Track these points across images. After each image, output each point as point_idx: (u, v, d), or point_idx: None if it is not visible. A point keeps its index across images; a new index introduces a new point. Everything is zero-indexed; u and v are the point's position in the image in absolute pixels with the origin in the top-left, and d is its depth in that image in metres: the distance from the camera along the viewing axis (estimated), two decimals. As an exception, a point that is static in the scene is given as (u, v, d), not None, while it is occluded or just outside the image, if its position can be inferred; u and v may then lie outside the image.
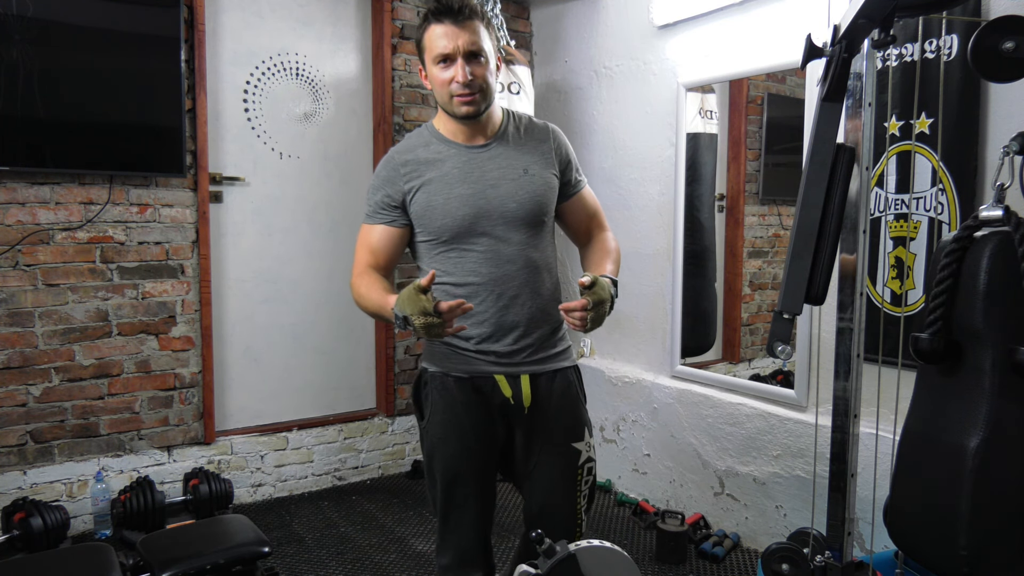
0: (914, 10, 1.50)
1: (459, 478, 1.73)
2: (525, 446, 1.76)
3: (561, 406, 1.75)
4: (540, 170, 1.74)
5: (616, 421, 3.51)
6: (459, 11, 1.60)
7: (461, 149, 1.71)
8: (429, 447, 1.76)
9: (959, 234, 1.52)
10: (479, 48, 1.62)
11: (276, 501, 3.38)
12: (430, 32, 1.63)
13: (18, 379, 2.85)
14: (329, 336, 3.62)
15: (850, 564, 1.62)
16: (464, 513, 1.75)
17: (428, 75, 1.68)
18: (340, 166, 3.61)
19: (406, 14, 3.65)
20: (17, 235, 2.81)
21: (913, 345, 1.54)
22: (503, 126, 1.75)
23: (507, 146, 1.73)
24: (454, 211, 1.67)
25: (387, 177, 1.72)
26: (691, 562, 2.81)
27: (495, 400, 1.72)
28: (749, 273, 3.40)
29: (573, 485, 1.75)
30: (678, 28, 3.18)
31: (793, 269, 1.50)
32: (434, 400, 1.73)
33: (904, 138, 2.34)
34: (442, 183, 1.68)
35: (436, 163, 1.70)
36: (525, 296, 1.71)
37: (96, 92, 2.86)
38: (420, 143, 1.74)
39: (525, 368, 1.72)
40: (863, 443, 1.73)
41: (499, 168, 1.71)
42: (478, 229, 1.68)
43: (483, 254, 1.69)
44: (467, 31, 1.60)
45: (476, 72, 1.62)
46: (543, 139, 1.77)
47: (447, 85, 1.63)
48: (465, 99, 1.63)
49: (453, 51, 1.60)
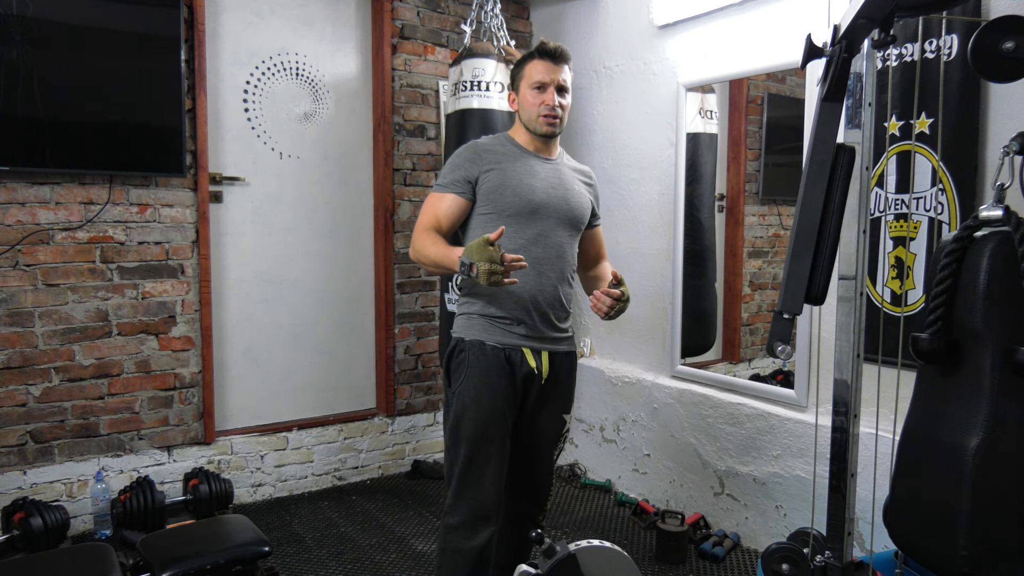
0: (914, 10, 1.50)
1: (486, 436, 1.97)
2: (533, 410, 2.07)
3: (565, 382, 2.12)
4: (585, 195, 2.14)
5: (616, 421, 3.51)
6: (560, 56, 2.02)
7: (533, 156, 2.08)
8: (460, 408, 1.99)
9: (959, 234, 1.52)
10: (567, 86, 2.05)
11: (276, 501, 3.38)
12: (533, 64, 2.03)
13: (18, 379, 2.85)
14: (329, 336, 3.62)
15: (850, 564, 1.62)
16: (485, 470, 1.97)
17: (520, 97, 2.06)
18: (340, 166, 3.61)
19: (406, 14, 3.65)
20: (17, 235, 2.81)
21: (913, 345, 1.54)
22: (559, 155, 2.15)
23: (564, 168, 2.13)
24: (525, 193, 2.00)
25: (469, 158, 2.05)
26: (691, 562, 2.81)
27: (522, 370, 2.01)
28: (749, 273, 3.40)
29: (554, 446, 2.15)
30: (678, 28, 3.18)
31: (793, 269, 1.50)
32: (471, 364, 1.99)
33: (904, 138, 2.34)
34: (516, 171, 2.02)
35: (513, 158, 2.05)
36: (555, 280, 2.04)
37: (96, 92, 2.86)
38: (498, 144, 2.09)
39: (547, 345, 2.05)
40: (863, 443, 1.73)
41: (565, 179, 2.10)
42: (537, 215, 2.01)
43: (534, 237, 2.01)
44: (561, 71, 2.02)
45: (562, 103, 2.04)
46: (587, 177, 2.19)
47: (538, 107, 2.01)
48: (550, 120, 2.02)
49: (549, 82, 2.00)
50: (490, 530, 1.99)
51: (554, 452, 2.16)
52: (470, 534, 1.96)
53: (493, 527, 2.00)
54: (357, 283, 3.70)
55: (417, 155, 3.72)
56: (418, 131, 3.71)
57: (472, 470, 1.97)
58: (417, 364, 3.79)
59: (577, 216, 2.09)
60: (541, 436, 2.10)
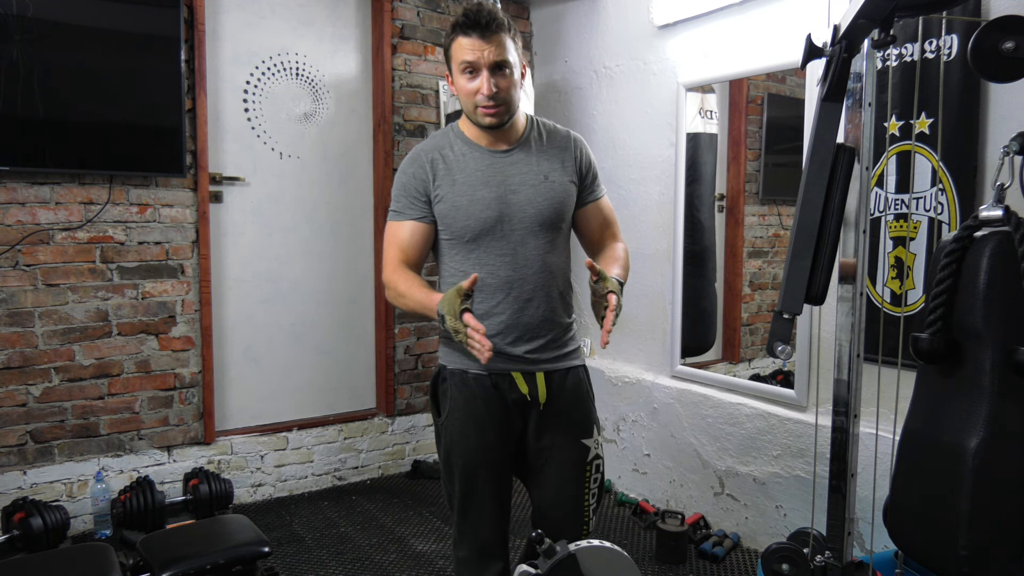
0: (914, 10, 1.50)
1: (478, 471, 1.76)
2: (537, 441, 1.79)
3: (572, 403, 1.79)
4: (560, 177, 1.76)
5: (616, 421, 3.51)
6: (486, 25, 1.62)
7: (485, 152, 1.74)
8: (448, 442, 1.78)
9: (959, 234, 1.52)
10: (504, 60, 1.65)
11: (276, 501, 3.38)
12: (457, 43, 1.66)
13: (18, 379, 2.85)
14: (329, 336, 3.62)
15: (850, 564, 1.61)
16: (482, 506, 1.77)
17: (454, 83, 1.71)
18: (340, 166, 3.61)
19: (406, 14, 3.65)
20: (17, 235, 2.81)
21: (913, 345, 1.54)
22: (526, 132, 1.78)
23: (529, 152, 1.76)
24: (477, 213, 1.70)
25: (413, 174, 1.75)
26: (691, 562, 2.81)
27: (512, 396, 1.75)
28: (749, 273, 3.40)
29: (582, 481, 1.79)
30: (678, 28, 3.18)
31: (793, 269, 1.50)
32: (453, 395, 1.76)
33: (904, 138, 2.34)
34: (466, 185, 1.72)
35: (460, 164, 1.74)
36: (540, 298, 1.74)
37: (96, 92, 2.86)
38: (445, 143, 1.77)
39: (540, 366, 1.76)
40: (863, 443, 1.73)
41: (520, 174, 1.74)
42: (499, 232, 1.71)
43: (502, 256, 1.72)
44: (493, 44, 1.63)
45: (500, 84, 1.65)
46: (564, 147, 1.80)
47: (472, 95, 1.66)
48: (489, 110, 1.66)
49: (479, 62, 1.63)
50: (498, 567, 1.80)
51: (583, 487, 1.78)
52: (479, 569, 1.80)
53: (501, 563, 1.80)
54: (357, 283, 3.69)
55: (417, 155, 3.72)
56: (418, 131, 3.71)
57: (470, 506, 1.78)
58: (417, 364, 3.79)
59: (549, 215, 1.74)
60: (555, 466, 1.78)
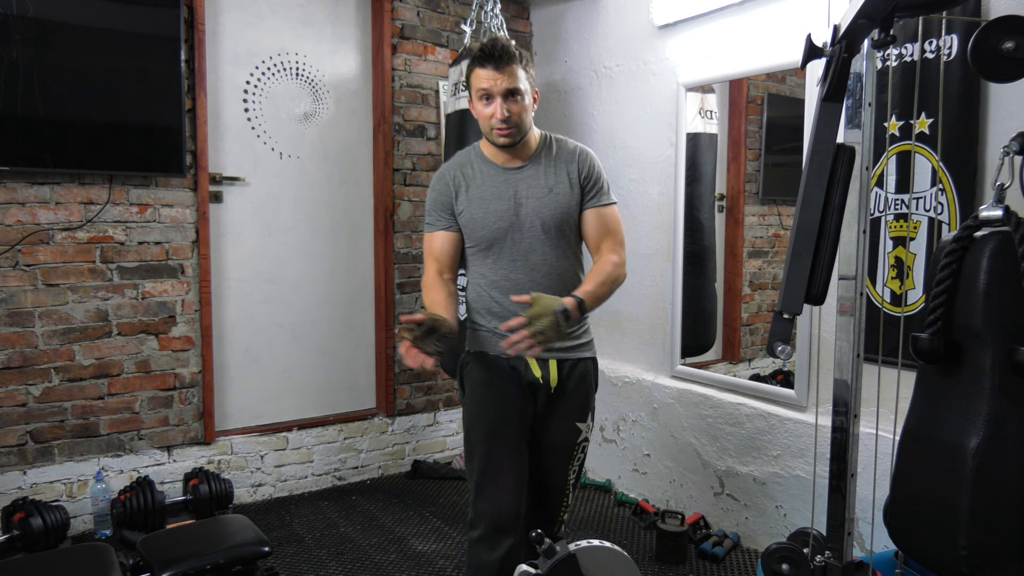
0: (914, 10, 1.50)
1: (497, 444, 1.94)
2: (543, 420, 2.03)
3: (576, 389, 2.03)
4: (564, 189, 1.98)
5: (616, 421, 3.51)
6: (499, 58, 1.85)
7: (499, 170, 1.99)
8: (469, 418, 2.00)
9: (959, 234, 1.52)
10: (516, 88, 1.88)
11: (276, 501, 3.38)
12: (475, 73, 1.90)
13: (18, 379, 2.85)
14: (329, 336, 3.62)
15: (850, 564, 1.61)
16: (497, 479, 1.93)
17: (473, 107, 1.94)
18: (340, 166, 3.61)
19: (406, 14, 3.65)
20: (17, 235, 2.81)
21: (913, 345, 1.54)
22: (538, 149, 2.00)
23: (538, 167, 1.98)
24: (491, 223, 1.95)
25: (441, 190, 2.01)
26: (691, 562, 2.81)
27: (527, 378, 1.98)
28: (749, 273, 3.40)
29: (568, 458, 2.05)
30: (678, 28, 3.18)
31: (793, 269, 1.50)
32: (475, 375, 2.00)
33: (904, 138, 2.34)
34: (482, 199, 1.97)
35: (478, 181, 1.99)
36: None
37: (96, 92, 2.86)
38: (467, 162, 2.03)
39: (553, 354, 1.98)
40: (863, 443, 1.72)
41: (529, 187, 1.97)
42: (510, 240, 1.95)
43: (514, 261, 1.96)
44: (506, 74, 1.86)
45: (512, 109, 1.88)
46: (570, 160, 2.00)
47: (489, 119, 1.90)
48: (502, 132, 1.89)
49: (493, 90, 1.87)
50: (509, 542, 1.92)
51: (569, 464, 2.05)
52: (491, 546, 1.92)
53: (512, 539, 1.92)
54: (357, 283, 3.70)
55: (417, 155, 3.72)
56: (418, 131, 3.71)
57: (486, 479, 1.94)
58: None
59: (553, 224, 1.95)
60: (551, 446, 2.04)
